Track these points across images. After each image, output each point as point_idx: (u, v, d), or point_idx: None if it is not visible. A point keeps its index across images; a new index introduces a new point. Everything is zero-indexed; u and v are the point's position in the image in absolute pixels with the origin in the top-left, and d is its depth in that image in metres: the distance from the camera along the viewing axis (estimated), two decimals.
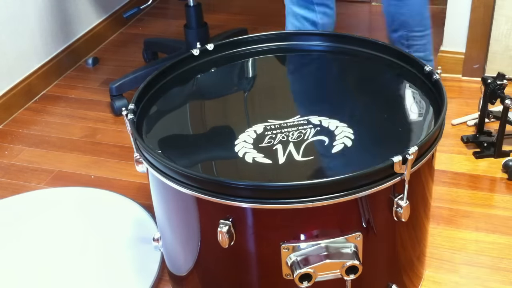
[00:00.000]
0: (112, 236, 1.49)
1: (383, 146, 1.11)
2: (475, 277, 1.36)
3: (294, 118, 1.15)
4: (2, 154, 1.94)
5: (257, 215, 1.01)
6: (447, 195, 1.60)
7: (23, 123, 2.08)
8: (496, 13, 1.95)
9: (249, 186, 0.97)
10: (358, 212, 1.02)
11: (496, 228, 1.48)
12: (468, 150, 1.75)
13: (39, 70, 2.22)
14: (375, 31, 2.49)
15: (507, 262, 1.39)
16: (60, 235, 1.50)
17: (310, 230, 1.01)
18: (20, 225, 1.55)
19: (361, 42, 1.36)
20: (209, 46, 1.36)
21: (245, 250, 1.06)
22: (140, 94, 1.23)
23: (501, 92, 1.62)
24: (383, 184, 0.99)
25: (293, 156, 1.06)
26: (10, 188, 1.79)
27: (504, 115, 1.63)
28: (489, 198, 1.58)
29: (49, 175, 1.81)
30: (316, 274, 1.01)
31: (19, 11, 2.11)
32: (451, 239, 1.46)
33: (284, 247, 1.01)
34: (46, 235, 1.51)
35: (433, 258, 1.40)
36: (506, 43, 1.99)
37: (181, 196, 1.04)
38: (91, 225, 1.53)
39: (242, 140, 1.11)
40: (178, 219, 1.14)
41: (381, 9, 1.79)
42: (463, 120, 1.87)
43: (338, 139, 1.09)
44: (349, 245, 1.03)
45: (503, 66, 2.02)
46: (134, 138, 1.12)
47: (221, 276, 1.14)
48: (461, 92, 2.05)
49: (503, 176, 1.64)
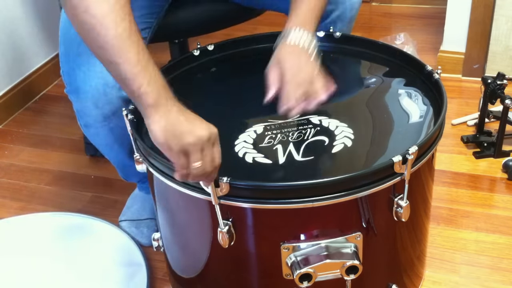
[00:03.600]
0: (95, 262, 1.42)
1: (383, 146, 1.11)
2: (475, 277, 1.36)
3: (294, 118, 1.15)
4: (2, 154, 1.94)
5: (257, 215, 1.01)
6: (447, 195, 1.60)
7: (23, 123, 2.08)
8: (496, 13, 1.95)
9: (249, 186, 0.97)
10: (358, 212, 1.02)
11: (496, 228, 1.48)
12: (468, 150, 1.75)
13: (39, 70, 2.22)
14: (375, 31, 2.49)
15: (507, 262, 1.39)
16: (39, 263, 1.43)
17: (310, 230, 1.01)
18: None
19: (361, 42, 1.36)
20: (209, 46, 1.36)
21: (245, 250, 1.06)
22: None
23: (501, 92, 1.62)
24: (383, 184, 0.99)
25: (293, 156, 1.06)
26: (10, 188, 1.79)
27: (504, 115, 1.63)
28: (489, 198, 1.58)
29: (49, 175, 1.81)
30: (316, 274, 1.01)
31: (20, 13, 2.11)
32: (451, 239, 1.46)
33: (284, 247, 1.01)
34: (25, 263, 1.44)
35: (433, 258, 1.40)
36: (506, 43, 1.99)
37: (181, 196, 1.04)
38: (72, 252, 1.45)
39: (242, 140, 1.11)
40: (178, 219, 1.14)
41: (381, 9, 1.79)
42: (463, 120, 1.87)
43: (338, 139, 1.09)
44: (349, 245, 1.02)
45: (503, 66, 2.02)
46: (134, 138, 1.12)
47: (221, 276, 1.14)
48: (461, 92, 2.05)
49: (503, 176, 1.64)
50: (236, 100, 1.28)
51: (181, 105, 0.94)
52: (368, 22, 2.58)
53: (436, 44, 2.21)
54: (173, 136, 0.90)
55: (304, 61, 1.10)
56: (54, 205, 1.70)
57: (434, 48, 2.23)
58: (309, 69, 1.10)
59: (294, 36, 1.12)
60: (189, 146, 0.90)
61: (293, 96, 1.06)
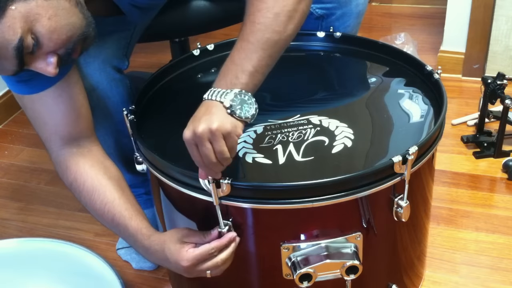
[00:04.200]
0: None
1: (383, 146, 1.10)
2: (475, 277, 1.36)
3: (294, 118, 1.15)
4: (2, 154, 1.94)
5: (257, 215, 1.01)
6: (447, 195, 1.60)
7: (23, 123, 2.08)
8: (496, 13, 1.95)
9: (249, 186, 0.97)
10: (358, 212, 1.02)
11: (496, 228, 1.48)
12: (468, 150, 1.75)
13: None
14: (375, 31, 2.49)
15: (507, 262, 1.39)
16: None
17: (310, 230, 1.01)
18: None
19: (361, 42, 1.36)
20: (209, 46, 1.36)
21: (245, 250, 1.06)
22: (141, 94, 1.23)
23: (501, 92, 1.62)
24: (383, 184, 0.99)
25: (293, 156, 1.06)
26: (10, 188, 1.79)
27: (504, 115, 1.63)
28: (489, 198, 1.58)
29: (49, 175, 1.81)
30: (316, 274, 1.01)
31: None
32: (451, 239, 1.46)
33: (284, 247, 1.01)
34: None
35: (433, 258, 1.40)
36: (506, 43, 1.99)
37: (181, 196, 1.04)
38: (51, 280, 1.33)
39: (242, 140, 1.11)
40: (178, 219, 1.14)
41: (381, 9, 1.79)
42: (463, 120, 1.87)
43: (338, 139, 1.09)
44: (349, 245, 1.03)
45: (503, 66, 2.02)
46: (134, 138, 1.12)
47: (221, 276, 1.13)
48: (461, 92, 2.05)
49: (503, 176, 1.64)
50: None
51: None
52: (368, 22, 2.58)
53: (436, 44, 2.21)
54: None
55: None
56: (54, 205, 1.70)
57: (434, 48, 2.23)
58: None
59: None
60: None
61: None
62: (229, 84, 0.93)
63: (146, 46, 1.52)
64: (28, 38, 0.89)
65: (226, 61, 0.96)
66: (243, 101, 0.92)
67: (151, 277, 1.43)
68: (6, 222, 1.67)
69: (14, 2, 0.87)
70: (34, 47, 0.90)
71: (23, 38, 0.88)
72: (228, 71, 0.94)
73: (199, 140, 0.90)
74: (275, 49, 0.95)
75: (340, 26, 1.37)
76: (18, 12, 0.87)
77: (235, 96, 0.92)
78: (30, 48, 0.90)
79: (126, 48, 1.30)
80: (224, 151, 0.91)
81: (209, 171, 0.94)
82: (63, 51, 0.94)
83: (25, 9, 0.88)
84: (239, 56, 0.94)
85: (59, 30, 0.91)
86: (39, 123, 1.14)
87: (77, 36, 0.94)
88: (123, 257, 1.49)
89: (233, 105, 0.91)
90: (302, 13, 0.97)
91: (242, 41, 0.95)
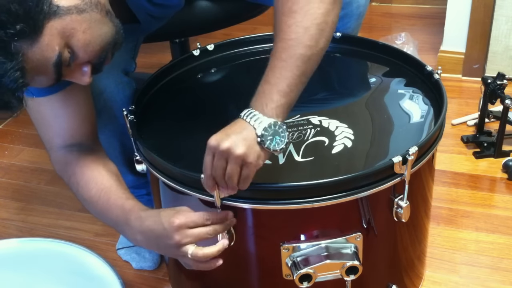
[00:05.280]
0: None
1: (383, 146, 1.10)
2: (475, 277, 1.36)
3: (294, 118, 1.15)
4: (2, 154, 1.94)
5: (257, 215, 1.01)
6: (447, 195, 1.60)
7: (23, 123, 2.08)
8: (496, 13, 1.95)
9: (249, 187, 0.97)
10: (358, 213, 1.02)
11: (496, 228, 1.48)
12: (468, 150, 1.75)
13: None
14: (375, 31, 2.49)
15: (507, 262, 1.39)
16: None
17: (310, 230, 1.01)
18: None
19: (361, 42, 1.36)
20: (209, 46, 1.36)
21: (245, 251, 1.06)
22: (140, 95, 1.23)
23: (501, 92, 1.62)
24: (384, 185, 0.99)
25: (293, 156, 1.06)
26: (10, 188, 1.79)
27: (504, 115, 1.63)
28: (489, 198, 1.58)
29: (49, 175, 1.81)
30: (316, 274, 1.01)
31: None
32: (451, 239, 1.46)
33: (284, 248, 1.01)
34: None
35: (433, 258, 1.40)
36: (506, 43, 1.99)
37: (181, 196, 1.04)
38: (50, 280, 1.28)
39: None
40: None
41: (381, 9, 1.79)
42: (463, 120, 1.87)
43: (338, 139, 1.09)
44: (349, 246, 1.03)
45: (503, 66, 2.02)
46: (133, 138, 1.12)
47: (221, 276, 1.14)
48: (461, 92, 2.05)
49: (503, 176, 1.64)
50: (236, 100, 1.28)
51: None
52: (368, 22, 2.58)
53: (436, 44, 2.21)
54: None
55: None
56: (54, 205, 1.70)
57: (434, 48, 2.23)
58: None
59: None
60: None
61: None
62: (265, 107, 0.91)
63: (146, 46, 1.52)
64: (65, 53, 0.91)
65: (262, 79, 0.93)
66: (276, 133, 0.90)
67: (151, 277, 1.43)
68: (6, 222, 1.67)
69: (51, 19, 0.88)
70: (70, 60, 0.92)
71: (61, 54, 0.90)
72: (264, 92, 0.92)
73: (218, 154, 0.89)
74: (309, 65, 0.93)
75: (341, 27, 1.37)
76: (54, 29, 0.88)
77: (269, 126, 0.90)
78: (67, 62, 0.92)
79: (133, 51, 1.32)
80: (233, 176, 0.90)
81: (210, 181, 0.93)
82: (96, 60, 0.96)
83: (61, 25, 0.89)
84: (274, 75, 0.92)
85: (93, 42, 0.93)
86: (43, 125, 1.15)
87: (108, 45, 0.96)
88: (123, 257, 1.48)
89: (265, 135, 0.89)
90: (332, 25, 0.95)
91: (274, 59, 0.93)
